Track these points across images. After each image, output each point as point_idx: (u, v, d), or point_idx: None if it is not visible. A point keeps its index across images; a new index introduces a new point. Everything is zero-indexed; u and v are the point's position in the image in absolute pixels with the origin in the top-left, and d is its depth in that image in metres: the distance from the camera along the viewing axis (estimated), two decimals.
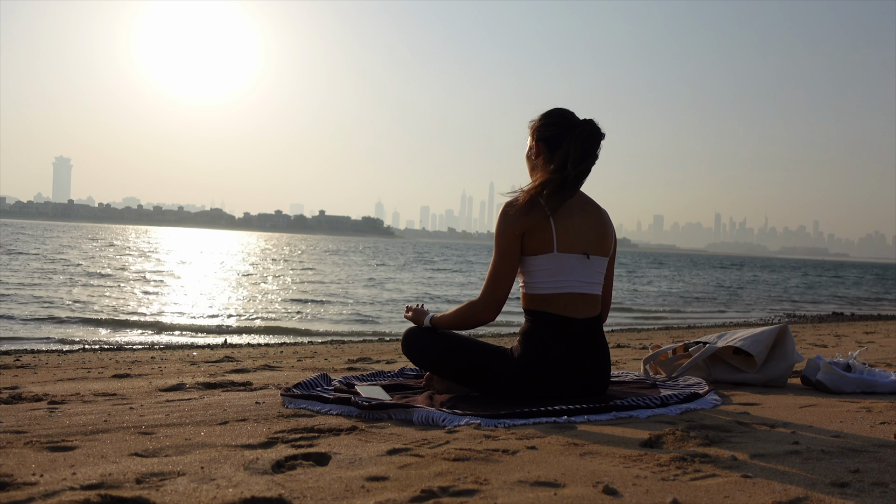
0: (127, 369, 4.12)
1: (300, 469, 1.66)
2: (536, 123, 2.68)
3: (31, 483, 1.51)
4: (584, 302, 2.57)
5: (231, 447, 1.89)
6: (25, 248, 30.47)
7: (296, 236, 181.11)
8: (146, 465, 1.68)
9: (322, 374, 2.97)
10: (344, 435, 2.05)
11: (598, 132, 2.58)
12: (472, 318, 2.63)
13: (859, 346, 5.42)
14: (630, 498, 1.43)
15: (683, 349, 3.29)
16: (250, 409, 2.48)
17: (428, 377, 2.85)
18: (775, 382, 3.05)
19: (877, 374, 2.91)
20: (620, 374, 3.26)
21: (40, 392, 2.96)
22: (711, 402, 2.59)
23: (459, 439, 1.97)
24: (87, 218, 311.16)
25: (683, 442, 1.91)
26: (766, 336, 3.06)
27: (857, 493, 1.46)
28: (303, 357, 5.15)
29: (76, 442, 1.94)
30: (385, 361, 4.47)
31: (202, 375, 3.69)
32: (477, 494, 1.46)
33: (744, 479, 1.55)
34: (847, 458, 1.76)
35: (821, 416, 2.35)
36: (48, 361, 4.88)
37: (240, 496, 1.43)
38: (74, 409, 2.53)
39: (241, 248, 53.27)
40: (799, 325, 10.34)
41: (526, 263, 2.57)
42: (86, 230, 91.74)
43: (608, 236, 2.65)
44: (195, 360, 4.80)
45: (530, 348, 2.53)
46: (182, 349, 6.63)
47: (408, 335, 2.78)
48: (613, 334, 8.33)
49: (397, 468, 1.66)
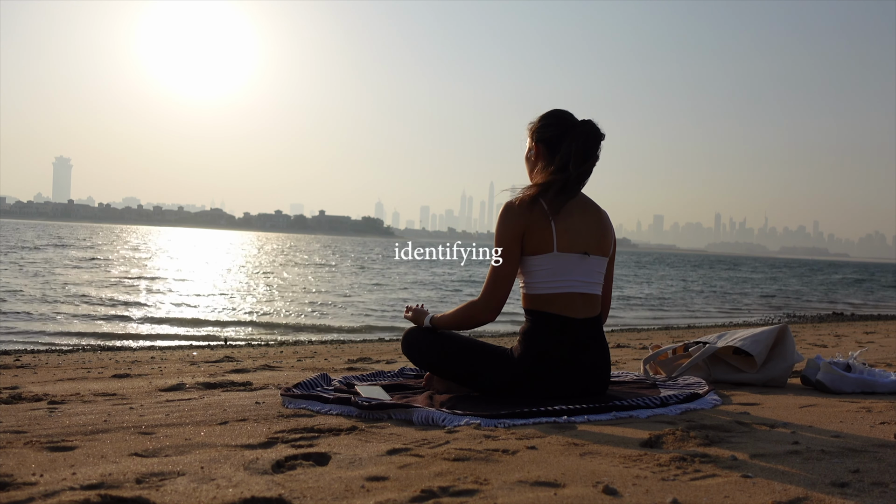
0: (127, 369, 4.13)
1: (300, 469, 1.66)
2: (535, 125, 2.68)
3: (31, 483, 1.51)
4: (584, 302, 2.57)
5: (231, 447, 1.89)
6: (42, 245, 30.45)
7: (296, 236, 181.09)
8: (146, 465, 1.68)
9: (322, 374, 2.97)
10: (344, 435, 2.05)
11: (597, 132, 2.59)
12: (472, 318, 2.63)
13: (859, 346, 5.41)
14: (630, 498, 1.43)
15: (683, 349, 3.29)
16: (250, 409, 2.48)
17: (428, 377, 2.85)
18: (775, 382, 3.05)
19: (877, 374, 2.91)
20: (620, 374, 3.26)
21: (40, 392, 2.96)
22: (711, 402, 2.59)
23: (459, 439, 1.97)
24: (86, 218, 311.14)
25: (683, 442, 1.91)
26: (766, 336, 3.06)
27: (857, 493, 1.46)
28: (303, 357, 5.15)
29: (76, 442, 1.94)
30: (385, 361, 4.47)
31: (202, 375, 3.69)
32: (477, 494, 1.46)
33: (744, 479, 1.55)
34: (847, 458, 1.76)
35: (821, 416, 2.35)
36: (48, 361, 4.88)
37: (240, 496, 1.42)
38: (74, 409, 2.53)
39: (241, 248, 53.25)
40: (799, 325, 10.34)
41: (526, 263, 2.57)
42: (88, 230, 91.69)
43: (608, 236, 2.66)
44: (195, 360, 4.80)
45: (530, 348, 2.53)
46: (182, 349, 6.63)
47: (408, 335, 2.78)
48: (613, 334, 8.33)
49: (397, 468, 1.66)
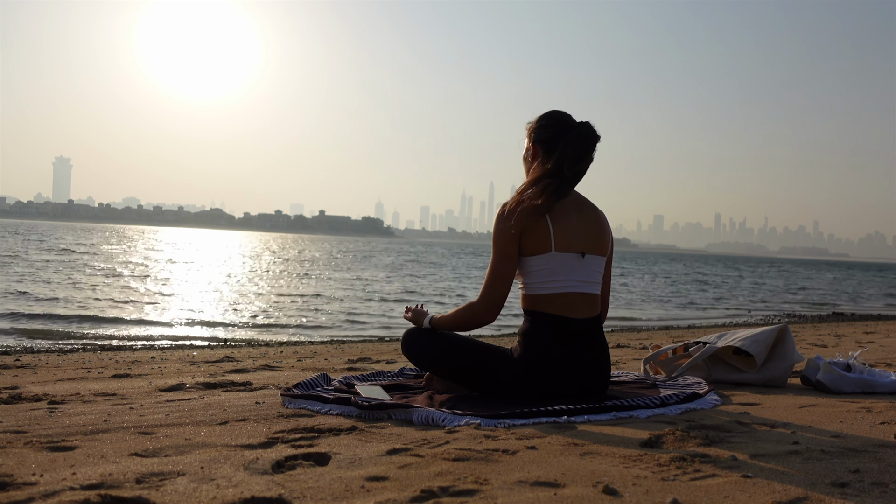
0: (127, 369, 4.12)
1: (300, 469, 1.66)
2: (533, 125, 2.69)
3: (31, 483, 1.51)
4: (584, 302, 2.57)
5: (231, 447, 1.89)
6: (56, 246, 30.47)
7: (296, 236, 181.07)
8: (146, 465, 1.68)
9: (322, 374, 2.97)
10: (344, 435, 2.05)
11: (594, 134, 2.60)
12: (472, 319, 2.63)
13: (859, 346, 5.41)
14: (630, 498, 1.43)
15: (683, 349, 3.29)
16: (250, 409, 2.48)
17: (428, 377, 2.85)
18: (775, 382, 3.05)
19: (877, 374, 2.91)
20: (620, 374, 3.26)
21: (40, 392, 2.96)
22: (711, 402, 2.60)
23: (459, 439, 1.97)
24: (87, 218, 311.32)
25: (683, 442, 1.91)
26: (766, 336, 3.06)
27: (857, 493, 1.46)
28: (303, 357, 5.15)
29: (76, 442, 1.94)
30: (385, 361, 4.47)
31: (202, 375, 3.69)
32: (477, 494, 1.46)
33: (744, 479, 1.55)
34: (847, 458, 1.76)
35: (821, 416, 2.35)
36: (48, 361, 4.88)
37: (240, 496, 1.42)
38: (74, 409, 2.53)
39: (241, 248, 53.25)
40: (799, 325, 10.34)
41: (524, 264, 2.57)
42: (90, 230, 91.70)
43: (605, 236, 2.66)
44: (195, 360, 4.80)
45: (530, 348, 2.53)
46: (182, 349, 6.63)
47: (407, 336, 2.78)
48: (613, 334, 8.33)
49: (397, 468, 1.66)
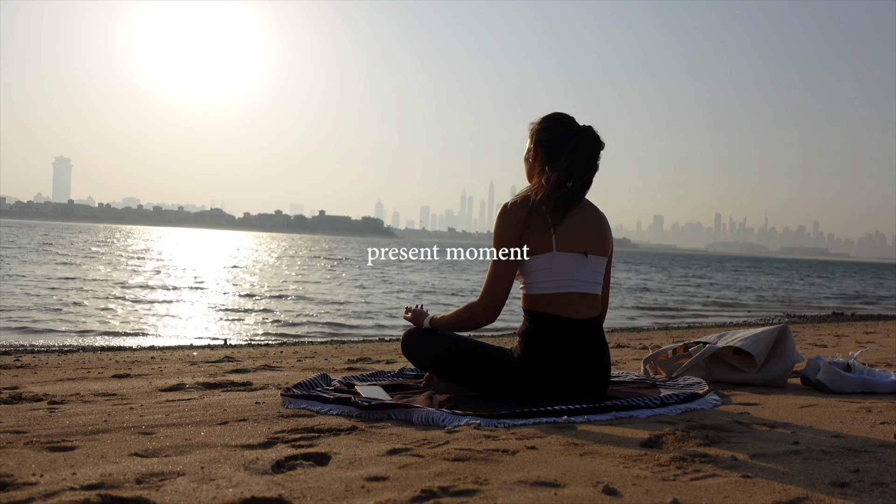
0: (127, 369, 4.12)
1: (300, 469, 1.66)
2: (536, 127, 2.69)
3: (31, 483, 1.51)
4: (584, 302, 2.57)
5: (231, 447, 1.89)
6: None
7: (296, 236, 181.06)
8: (146, 465, 1.68)
9: (322, 374, 2.97)
10: (344, 435, 2.05)
11: (597, 141, 2.58)
12: (472, 319, 2.63)
13: (859, 346, 5.41)
14: (630, 498, 1.43)
15: (683, 349, 3.29)
16: (250, 409, 2.48)
17: (428, 377, 2.85)
18: (775, 382, 3.05)
19: (877, 374, 2.91)
20: (620, 374, 3.26)
21: (40, 392, 2.95)
22: (711, 402, 2.59)
23: (459, 439, 1.97)
24: (87, 218, 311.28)
25: (683, 442, 1.91)
26: (767, 336, 3.05)
27: (857, 493, 1.46)
28: (303, 357, 5.14)
29: (76, 442, 1.94)
30: (385, 361, 4.47)
31: (202, 375, 3.69)
32: (477, 494, 1.46)
33: (744, 479, 1.55)
34: (847, 458, 1.76)
35: (821, 416, 2.35)
36: (48, 361, 4.88)
37: (240, 496, 1.42)
38: (74, 409, 2.52)
39: (241, 249, 53.24)
40: (799, 325, 10.34)
41: (525, 264, 2.57)
42: (92, 231, 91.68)
43: (606, 237, 2.66)
44: (195, 360, 4.80)
45: (530, 348, 2.53)
46: (182, 349, 6.63)
47: (407, 336, 2.78)
48: (613, 334, 8.33)
49: (397, 468, 1.66)
